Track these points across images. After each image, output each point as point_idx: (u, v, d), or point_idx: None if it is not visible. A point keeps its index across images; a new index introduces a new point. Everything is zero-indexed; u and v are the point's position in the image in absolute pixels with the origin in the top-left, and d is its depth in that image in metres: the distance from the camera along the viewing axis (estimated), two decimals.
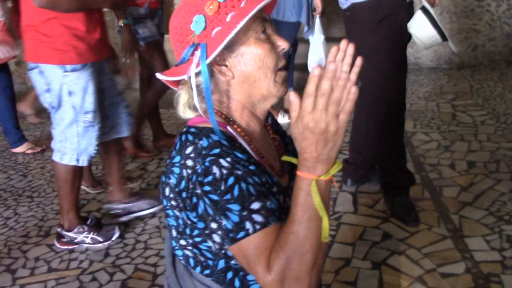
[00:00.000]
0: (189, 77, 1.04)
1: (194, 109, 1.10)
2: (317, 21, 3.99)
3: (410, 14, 2.51)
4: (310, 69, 3.73)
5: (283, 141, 1.29)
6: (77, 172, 2.62)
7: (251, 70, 1.06)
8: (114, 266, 2.48)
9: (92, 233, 2.63)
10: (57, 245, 2.66)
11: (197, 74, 1.04)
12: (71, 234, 2.63)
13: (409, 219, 2.60)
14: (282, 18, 3.80)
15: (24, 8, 2.43)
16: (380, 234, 2.54)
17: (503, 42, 5.60)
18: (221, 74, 1.07)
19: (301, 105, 0.89)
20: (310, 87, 0.88)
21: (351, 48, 0.94)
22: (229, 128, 1.08)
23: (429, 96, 4.60)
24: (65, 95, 2.43)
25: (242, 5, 1.04)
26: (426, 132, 3.75)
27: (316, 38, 4.00)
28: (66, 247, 2.65)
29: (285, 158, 1.12)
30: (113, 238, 2.66)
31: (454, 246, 2.39)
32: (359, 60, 0.95)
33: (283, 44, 1.08)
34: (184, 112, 1.12)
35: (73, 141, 2.52)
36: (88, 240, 2.63)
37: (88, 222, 2.68)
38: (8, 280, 2.44)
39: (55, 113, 2.51)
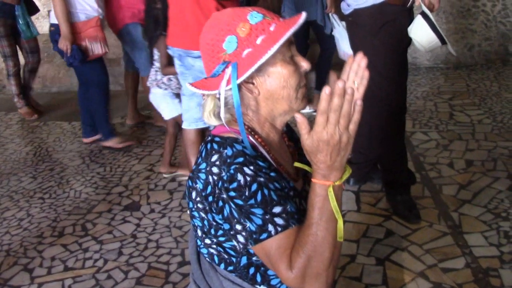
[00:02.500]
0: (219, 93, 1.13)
1: (218, 117, 1.19)
2: (332, 17, 4.00)
3: (410, 19, 2.57)
4: (344, 57, 3.72)
5: (296, 146, 1.39)
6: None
7: (276, 88, 1.15)
8: (128, 264, 2.58)
9: None
10: None
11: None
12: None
13: (410, 217, 2.70)
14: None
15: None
16: (383, 232, 2.64)
17: (499, 41, 5.70)
18: (248, 90, 1.16)
19: (316, 121, 0.99)
20: (323, 105, 0.97)
21: (364, 62, 1.05)
22: (250, 137, 1.18)
23: (427, 95, 4.70)
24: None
25: (272, 28, 1.11)
26: (425, 131, 3.85)
27: (339, 30, 4.01)
28: None
29: (298, 164, 1.21)
30: None
31: (454, 242, 2.49)
32: (367, 73, 1.06)
33: (305, 65, 1.17)
34: (209, 119, 1.21)
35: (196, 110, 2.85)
36: None
37: None
38: (26, 279, 2.54)
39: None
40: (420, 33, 2.51)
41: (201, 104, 1.22)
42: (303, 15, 1.10)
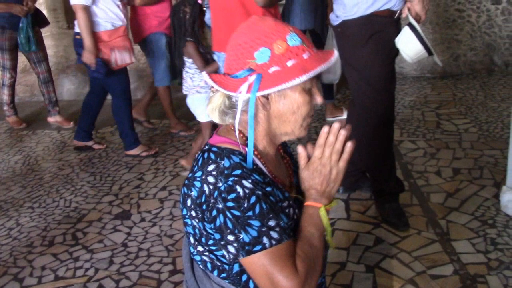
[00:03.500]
0: (236, 99, 1.16)
1: (221, 114, 1.21)
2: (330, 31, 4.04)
3: (398, 30, 2.61)
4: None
5: (291, 160, 1.42)
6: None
7: (287, 111, 1.19)
8: (119, 273, 2.58)
9: None
10: None
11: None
12: None
13: (399, 224, 2.73)
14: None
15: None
16: (372, 239, 2.67)
17: (484, 51, 5.80)
18: (261, 103, 1.18)
19: (314, 153, 1.21)
20: (320, 140, 1.20)
21: (343, 134, 1.20)
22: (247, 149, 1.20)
23: (414, 105, 4.76)
24: None
25: (305, 56, 1.14)
26: (412, 140, 3.90)
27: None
28: None
29: (293, 195, 1.29)
30: None
31: (442, 249, 2.53)
32: (350, 146, 1.20)
33: (319, 100, 1.22)
34: (212, 113, 1.23)
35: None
36: None
37: None
38: None
39: None
40: (407, 44, 2.55)
41: (208, 97, 1.24)
42: (335, 54, 1.16)
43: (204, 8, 3.51)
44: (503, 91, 4.99)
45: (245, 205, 1.10)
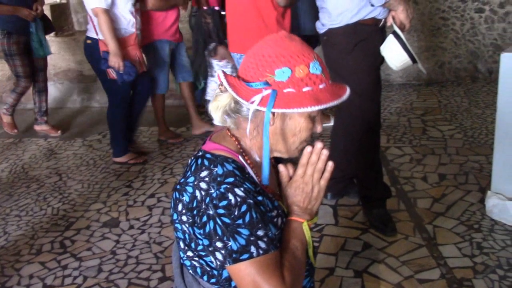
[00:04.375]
0: (248, 109, 1.17)
1: (223, 116, 1.23)
2: None
3: (383, 38, 2.64)
4: None
5: None
6: None
7: (288, 132, 1.22)
8: (108, 281, 2.57)
9: None
10: None
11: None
12: None
13: (387, 230, 2.76)
14: (302, 32, 3.94)
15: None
16: (360, 244, 2.69)
17: (468, 59, 5.89)
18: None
19: (296, 172, 1.25)
20: (304, 160, 1.24)
21: (325, 153, 1.23)
22: (240, 157, 1.22)
23: (400, 111, 4.82)
24: None
25: (321, 86, 1.17)
26: (399, 146, 3.94)
27: None
28: None
29: (280, 203, 1.31)
30: None
31: (429, 254, 2.56)
32: (330, 165, 1.24)
33: (319, 129, 1.25)
34: (215, 112, 1.24)
35: None
36: None
37: None
38: None
39: None
40: (392, 52, 2.57)
41: (214, 94, 1.24)
42: (348, 91, 1.21)
43: (223, 13, 3.56)
44: (487, 97, 5.07)
45: (236, 213, 1.12)
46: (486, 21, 5.72)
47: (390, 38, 2.56)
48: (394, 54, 2.57)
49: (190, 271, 1.29)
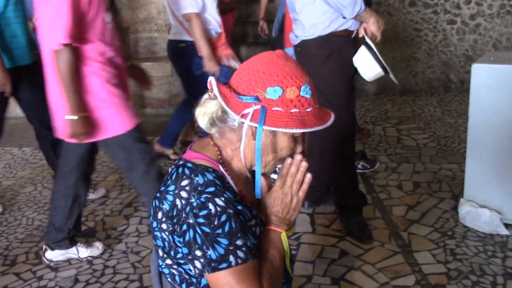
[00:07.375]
0: (240, 123, 1.19)
1: (208, 123, 1.24)
2: None
3: (355, 49, 2.66)
4: None
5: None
6: None
7: (270, 148, 1.24)
8: None
9: None
10: None
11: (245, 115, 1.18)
12: None
13: (363, 237, 2.80)
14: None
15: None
16: (337, 252, 2.72)
17: (441, 69, 6.03)
18: (251, 132, 1.20)
19: (276, 183, 1.27)
20: (283, 171, 1.26)
21: (304, 165, 1.26)
22: (220, 167, 1.24)
23: (375, 120, 4.89)
24: None
25: (308, 110, 1.19)
26: (374, 155, 4.00)
27: None
28: None
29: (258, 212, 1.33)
30: None
31: (404, 261, 2.61)
32: (308, 177, 1.27)
33: (299, 150, 1.28)
34: (201, 118, 1.25)
35: None
36: None
37: None
38: None
39: None
40: (364, 63, 2.61)
41: (203, 100, 1.25)
42: (332, 117, 1.24)
43: None
44: (459, 107, 5.19)
45: (215, 223, 1.13)
46: (458, 32, 5.87)
47: (362, 50, 2.60)
48: (366, 65, 2.61)
49: (169, 279, 1.29)
